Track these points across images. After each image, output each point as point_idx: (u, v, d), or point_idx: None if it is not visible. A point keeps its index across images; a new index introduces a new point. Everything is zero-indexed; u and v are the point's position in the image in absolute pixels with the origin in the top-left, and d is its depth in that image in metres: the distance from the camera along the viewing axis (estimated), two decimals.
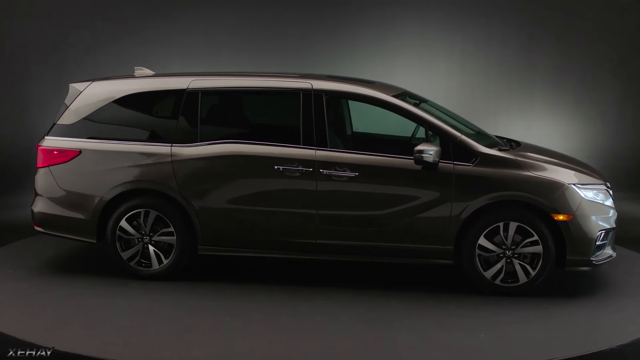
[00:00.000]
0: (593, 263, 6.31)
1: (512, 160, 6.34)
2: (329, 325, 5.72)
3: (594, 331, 5.67)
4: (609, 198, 6.53)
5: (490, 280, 6.38)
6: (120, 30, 10.86)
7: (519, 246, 6.30)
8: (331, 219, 6.42)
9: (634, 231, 8.91)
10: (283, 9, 11.16)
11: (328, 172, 6.37)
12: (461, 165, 6.28)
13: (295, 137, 6.45)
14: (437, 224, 6.31)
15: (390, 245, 6.42)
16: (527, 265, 6.32)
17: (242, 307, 6.09)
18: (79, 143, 6.75)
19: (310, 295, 6.41)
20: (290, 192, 6.41)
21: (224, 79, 6.79)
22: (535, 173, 6.29)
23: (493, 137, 7.13)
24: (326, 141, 6.42)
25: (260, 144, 6.45)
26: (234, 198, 6.49)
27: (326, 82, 6.62)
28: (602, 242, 6.40)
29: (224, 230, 6.58)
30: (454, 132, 6.40)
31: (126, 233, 6.72)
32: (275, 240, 6.53)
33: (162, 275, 6.72)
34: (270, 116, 6.86)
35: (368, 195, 6.36)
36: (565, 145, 10.92)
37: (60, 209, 6.80)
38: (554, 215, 6.22)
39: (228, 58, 10.85)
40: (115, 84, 6.91)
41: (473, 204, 6.26)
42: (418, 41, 11.25)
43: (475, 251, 6.34)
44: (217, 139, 6.55)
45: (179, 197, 6.56)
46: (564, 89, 11.17)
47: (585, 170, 6.72)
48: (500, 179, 6.25)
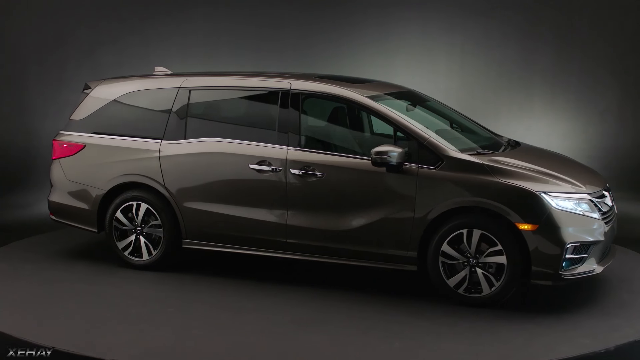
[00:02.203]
0: (562, 277, 5.87)
1: (479, 165, 6.03)
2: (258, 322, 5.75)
3: (592, 332, 5.65)
4: (594, 210, 6.06)
5: (453, 289, 6.11)
6: (120, 30, 10.86)
7: (483, 255, 6.00)
8: (300, 218, 6.43)
9: (634, 231, 8.90)
10: (283, 9, 11.16)
11: (297, 171, 6.39)
12: (426, 168, 6.09)
13: (271, 136, 6.53)
14: (400, 229, 6.14)
15: (355, 248, 6.32)
16: (490, 276, 5.99)
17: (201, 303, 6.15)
18: (84, 137, 7.21)
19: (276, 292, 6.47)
20: (263, 191, 6.51)
21: (212, 78, 7.08)
22: (501, 179, 5.94)
23: (494, 138, 7.02)
24: (299, 141, 6.45)
25: (237, 142, 6.62)
26: (211, 195, 6.70)
27: (305, 82, 6.64)
28: (578, 256, 5.93)
29: (204, 226, 6.78)
30: (423, 133, 6.20)
31: (121, 224, 7.04)
32: (250, 238, 6.64)
33: (151, 266, 6.99)
34: (250, 115, 6.89)
35: (334, 196, 6.32)
36: (565, 145, 10.93)
37: (69, 198, 7.29)
38: (518, 224, 5.86)
39: (228, 58, 10.86)
40: (121, 84, 7.30)
41: (436, 209, 6.03)
42: (418, 41, 11.26)
43: (438, 258, 6.10)
44: (199, 137, 6.78)
45: (165, 192, 6.85)
46: (564, 89, 11.18)
47: (573, 177, 6.26)
48: (464, 184, 5.97)
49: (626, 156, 10.83)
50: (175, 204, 6.83)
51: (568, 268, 5.91)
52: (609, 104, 11.03)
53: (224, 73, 7.37)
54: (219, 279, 6.86)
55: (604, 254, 6.31)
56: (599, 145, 10.96)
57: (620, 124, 11.01)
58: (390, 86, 7.35)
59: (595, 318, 5.93)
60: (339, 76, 7.36)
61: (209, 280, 6.82)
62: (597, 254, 6.09)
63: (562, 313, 6.02)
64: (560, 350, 5.25)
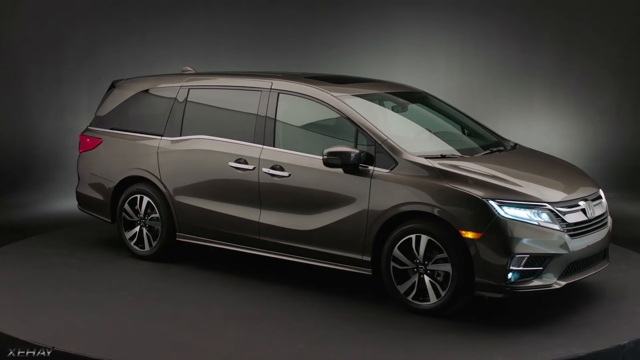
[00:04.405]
0: (507, 290, 5.51)
1: (431, 169, 5.79)
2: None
3: (591, 332, 5.62)
4: (555, 221, 5.65)
5: (403, 295, 5.88)
6: (120, 30, 10.86)
7: (431, 262, 5.75)
8: (270, 217, 6.50)
9: (634, 232, 8.90)
10: (283, 9, 11.16)
11: (267, 170, 6.45)
12: (379, 170, 5.95)
13: (250, 135, 6.64)
14: (356, 232, 6.02)
15: (317, 249, 6.29)
16: (437, 284, 5.73)
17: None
18: (102, 133, 7.64)
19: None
20: (241, 189, 6.63)
21: (208, 78, 7.32)
22: (450, 184, 5.68)
23: (492, 139, 6.88)
24: (273, 140, 6.51)
25: (221, 140, 6.79)
26: (198, 190, 6.91)
27: (283, 82, 6.69)
28: (530, 269, 5.56)
29: (193, 220, 6.99)
30: (381, 134, 6.03)
31: (129, 215, 7.36)
32: (231, 234, 6.78)
33: (151, 257, 7.28)
34: (236, 114, 6.97)
35: (298, 196, 6.33)
36: (564, 145, 10.94)
37: (90, 190, 7.71)
38: (462, 232, 5.58)
39: (227, 58, 10.86)
40: (138, 82, 7.67)
41: (387, 212, 5.88)
42: (418, 41, 11.26)
43: (390, 263, 5.92)
44: (192, 134, 7.01)
45: (162, 186, 7.11)
46: (563, 89, 11.19)
47: (547, 185, 5.93)
48: (414, 188, 5.77)
49: (626, 156, 10.84)
50: (170, 198, 7.06)
51: (517, 281, 5.55)
52: (608, 104, 11.04)
53: (220, 73, 7.63)
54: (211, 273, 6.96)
55: (582, 267, 5.92)
56: (599, 146, 10.97)
57: (619, 124, 11.02)
58: (395, 86, 7.34)
59: (593, 319, 5.89)
60: (334, 76, 7.44)
61: (202, 274, 6.92)
62: (558, 268, 5.66)
63: (560, 314, 6.02)
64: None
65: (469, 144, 6.73)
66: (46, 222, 9.40)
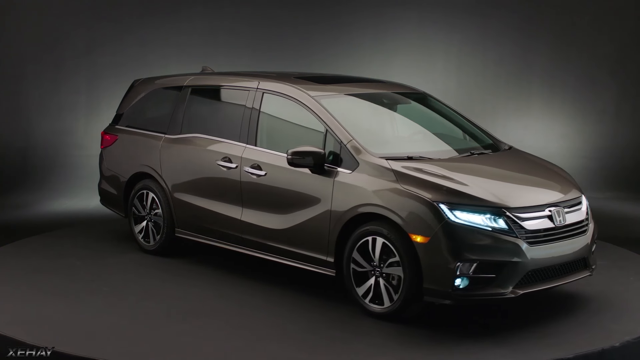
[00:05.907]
0: (455, 297, 5.36)
1: (389, 171, 5.71)
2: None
3: (590, 332, 5.62)
4: (511, 229, 5.42)
5: (361, 297, 5.81)
6: (119, 30, 10.85)
7: (385, 265, 5.66)
8: (250, 215, 6.57)
9: (634, 232, 8.90)
10: (282, 9, 11.16)
11: (247, 169, 6.52)
12: (343, 171, 5.91)
13: (236, 134, 6.73)
14: (320, 232, 6.01)
15: (288, 248, 6.30)
16: (390, 288, 5.62)
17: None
18: (119, 130, 7.92)
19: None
20: (226, 187, 6.74)
21: (207, 77, 7.46)
22: (404, 186, 5.57)
23: (487, 141, 6.76)
24: (255, 139, 6.57)
25: (211, 138, 6.93)
26: (191, 188, 7.08)
27: (268, 82, 6.74)
28: (482, 276, 5.39)
29: (188, 217, 7.15)
30: (347, 135, 5.98)
31: (137, 210, 7.60)
32: (219, 231, 6.87)
33: (155, 252, 7.46)
34: (227, 113, 7.10)
35: (272, 195, 6.39)
36: (563, 145, 10.96)
37: (107, 185, 8.00)
38: (412, 235, 5.45)
39: (227, 58, 10.84)
40: (153, 82, 7.88)
41: (346, 214, 5.82)
42: (415, 41, 11.27)
43: (350, 265, 5.86)
44: (189, 132, 7.19)
45: (163, 183, 7.30)
46: (561, 88, 11.21)
47: (516, 190, 5.79)
48: (370, 190, 5.71)
49: (624, 156, 10.86)
50: (170, 194, 7.24)
51: (467, 287, 5.39)
52: (606, 104, 11.06)
53: (220, 73, 7.70)
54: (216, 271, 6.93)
55: (549, 276, 5.68)
56: (597, 145, 10.99)
57: (618, 123, 11.04)
58: (391, 86, 7.32)
59: (593, 319, 5.91)
60: (331, 76, 7.51)
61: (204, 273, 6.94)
62: (513, 276, 5.43)
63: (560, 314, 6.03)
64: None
65: (454, 145, 6.53)
66: (44, 222, 9.38)
